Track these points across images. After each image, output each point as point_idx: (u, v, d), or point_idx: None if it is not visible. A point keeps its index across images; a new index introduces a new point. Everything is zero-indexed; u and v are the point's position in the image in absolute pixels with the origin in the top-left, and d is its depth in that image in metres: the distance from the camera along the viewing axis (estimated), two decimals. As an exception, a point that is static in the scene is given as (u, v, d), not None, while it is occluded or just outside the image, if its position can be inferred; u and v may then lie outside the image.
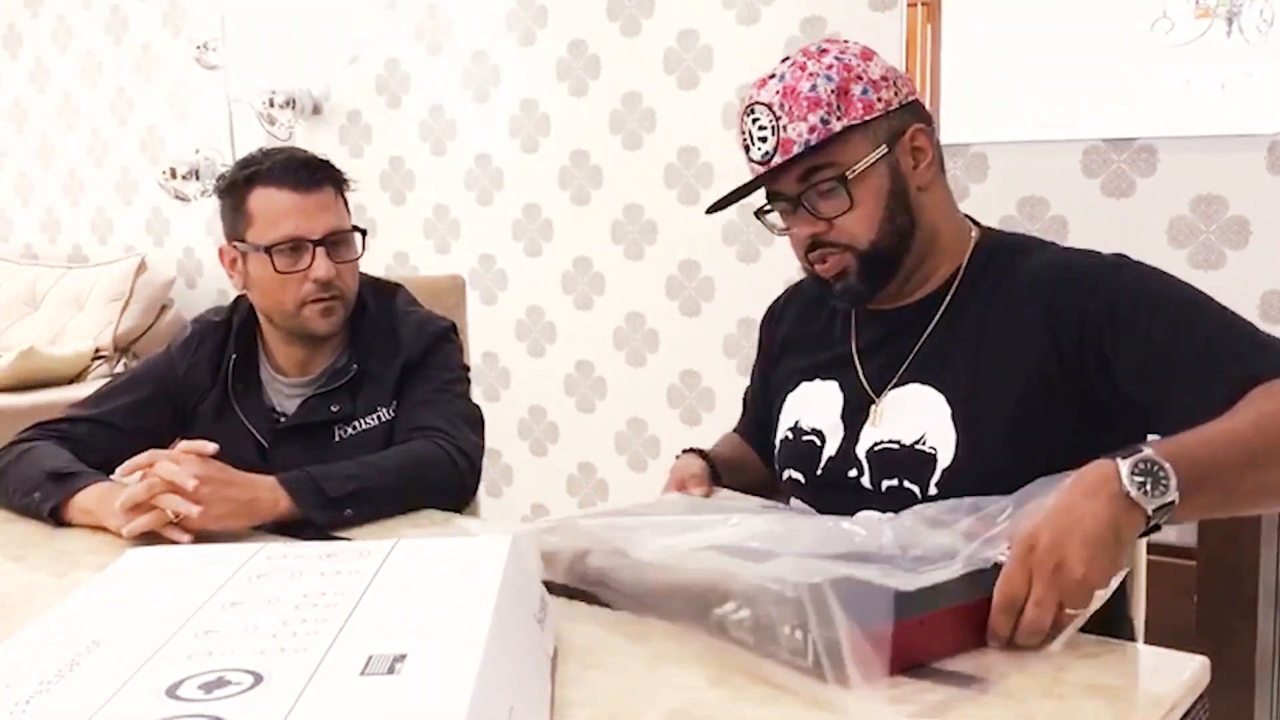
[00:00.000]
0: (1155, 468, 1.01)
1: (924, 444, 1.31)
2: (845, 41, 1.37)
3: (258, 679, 0.79)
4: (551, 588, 1.13)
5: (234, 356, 1.80)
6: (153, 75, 4.13)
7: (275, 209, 1.71)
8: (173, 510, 1.43)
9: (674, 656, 1.04)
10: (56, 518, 1.56)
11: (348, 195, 1.81)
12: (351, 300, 1.80)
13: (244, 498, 1.48)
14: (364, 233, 1.80)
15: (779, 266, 2.85)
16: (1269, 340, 1.18)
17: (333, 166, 1.79)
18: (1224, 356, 1.16)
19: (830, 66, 1.31)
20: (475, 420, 1.79)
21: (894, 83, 1.34)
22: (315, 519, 1.49)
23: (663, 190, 3.10)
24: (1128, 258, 1.30)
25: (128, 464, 1.51)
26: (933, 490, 1.30)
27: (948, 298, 1.37)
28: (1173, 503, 1.00)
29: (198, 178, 3.78)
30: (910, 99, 1.36)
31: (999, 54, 2.60)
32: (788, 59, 1.35)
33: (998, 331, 1.31)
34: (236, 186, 1.76)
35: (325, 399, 1.77)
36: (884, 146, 1.32)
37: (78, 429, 1.75)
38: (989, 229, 1.43)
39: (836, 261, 1.34)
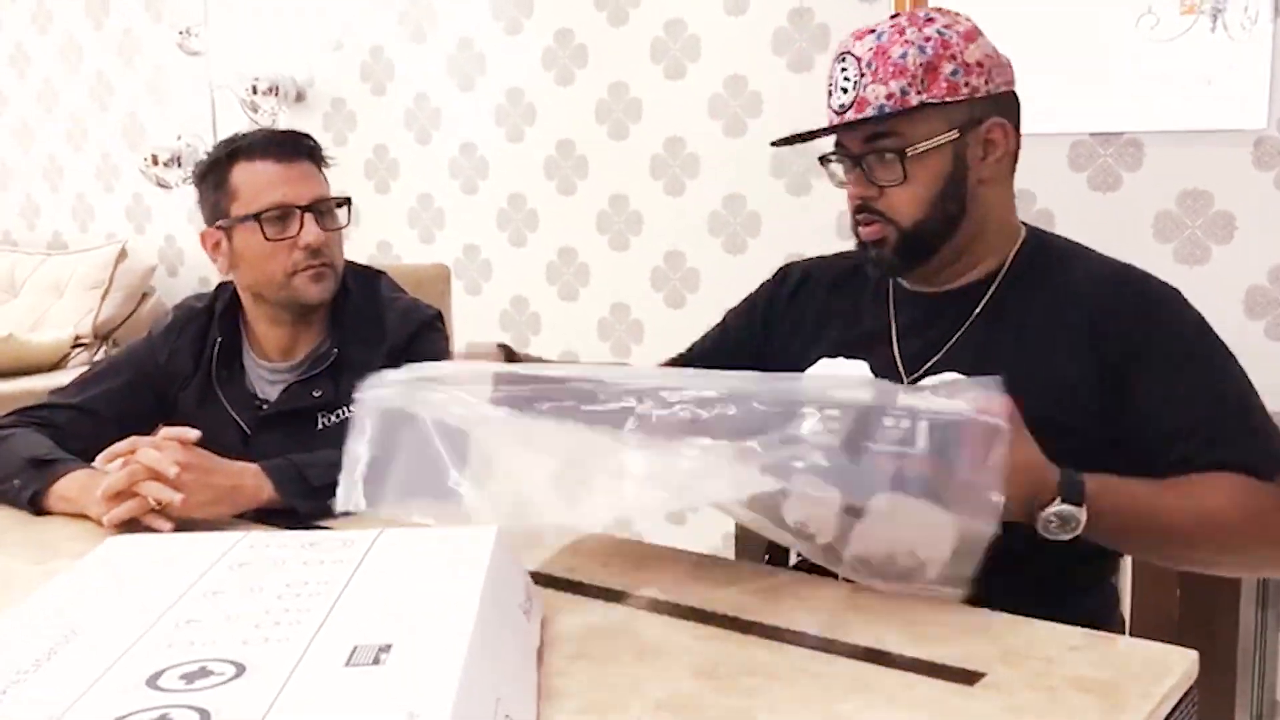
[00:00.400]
0: (1072, 523, 1.12)
1: None
2: (957, 16, 1.35)
3: (240, 669, 0.78)
4: (536, 578, 1.12)
5: (219, 340, 1.79)
6: (134, 60, 4.09)
7: (260, 179, 1.72)
8: (154, 498, 1.42)
9: (661, 647, 1.03)
10: (36, 505, 1.54)
11: (326, 174, 1.82)
12: (340, 272, 1.79)
13: (226, 485, 1.47)
14: (349, 202, 1.80)
15: (766, 255, 2.84)
16: (1274, 435, 1.24)
17: (312, 140, 1.80)
18: (1226, 438, 1.21)
19: (929, 39, 1.30)
20: None
21: (989, 70, 1.32)
22: (297, 507, 1.48)
23: (648, 181, 3.08)
24: (1180, 294, 1.31)
25: (109, 451, 1.49)
26: None
27: (990, 290, 1.37)
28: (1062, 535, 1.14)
29: (179, 165, 3.74)
30: (1002, 89, 1.35)
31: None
32: (896, 16, 1.35)
33: (1041, 332, 1.31)
34: (218, 165, 1.76)
35: (307, 385, 1.76)
36: (955, 132, 1.31)
37: (58, 416, 1.73)
38: (1037, 229, 1.43)
39: (878, 229, 1.34)
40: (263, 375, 1.81)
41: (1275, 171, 2.34)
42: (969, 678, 0.95)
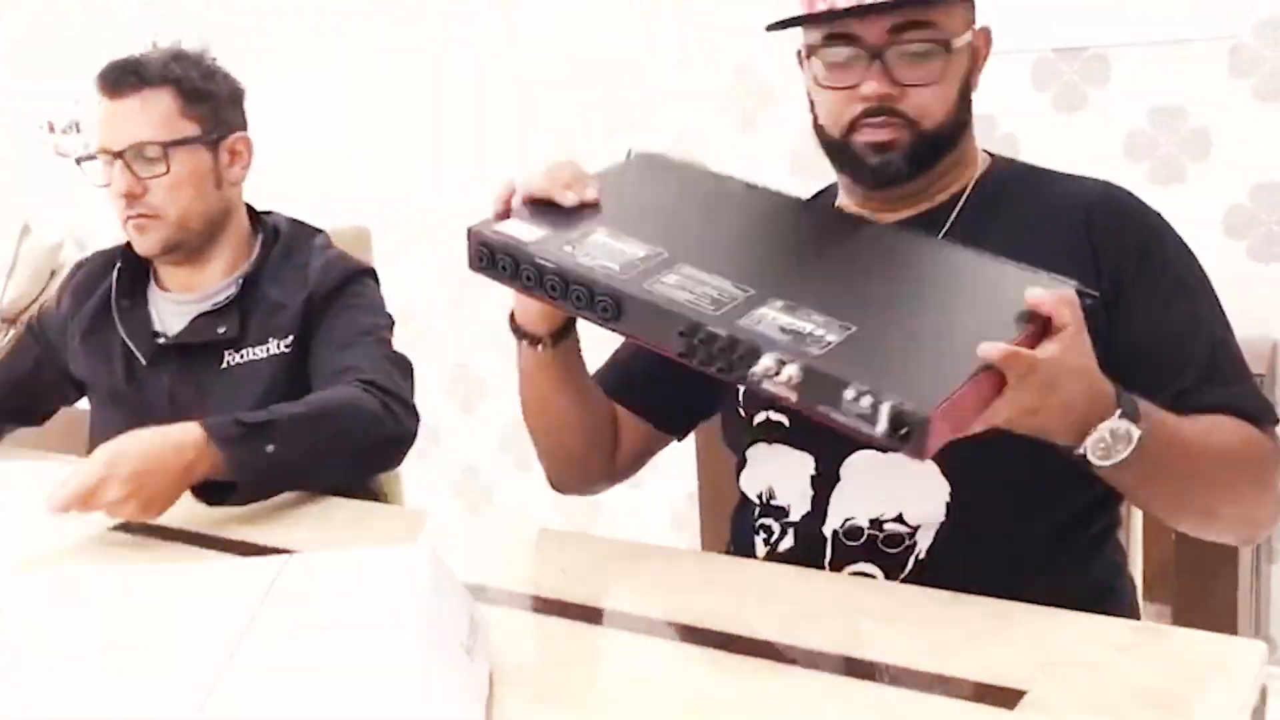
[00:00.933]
0: (1122, 444, 0.99)
1: None
2: None
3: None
4: (481, 594, 0.93)
5: (118, 266, 1.67)
6: (28, 19, 3.80)
7: (98, 117, 1.61)
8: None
9: (640, 679, 0.86)
10: None
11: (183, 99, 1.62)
12: (180, 217, 1.60)
13: (177, 467, 1.29)
14: (168, 146, 1.56)
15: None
16: (1250, 376, 1.19)
17: (149, 66, 1.58)
18: (1220, 378, 1.15)
19: None
20: (406, 368, 1.62)
21: None
22: (238, 458, 1.32)
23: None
24: (1165, 220, 1.23)
25: (55, 506, 1.27)
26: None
27: (956, 212, 1.24)
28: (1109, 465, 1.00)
29: (78, 130, 3.49)
30: None
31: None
32: None
33: (1024, 252, 1.15)
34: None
35: (213, 319, 1.62)
36: (970, 32, 1.21)
37: None
38: (1000, 156, 1.31)
39: (890, 132, 1.18)
40: (169, 307, 1.68)
41: (1253, 80, 2.19)
42: (1007, 698, 0.79)
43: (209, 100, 1.62)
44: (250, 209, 1.73)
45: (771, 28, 1.22)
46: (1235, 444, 1.10)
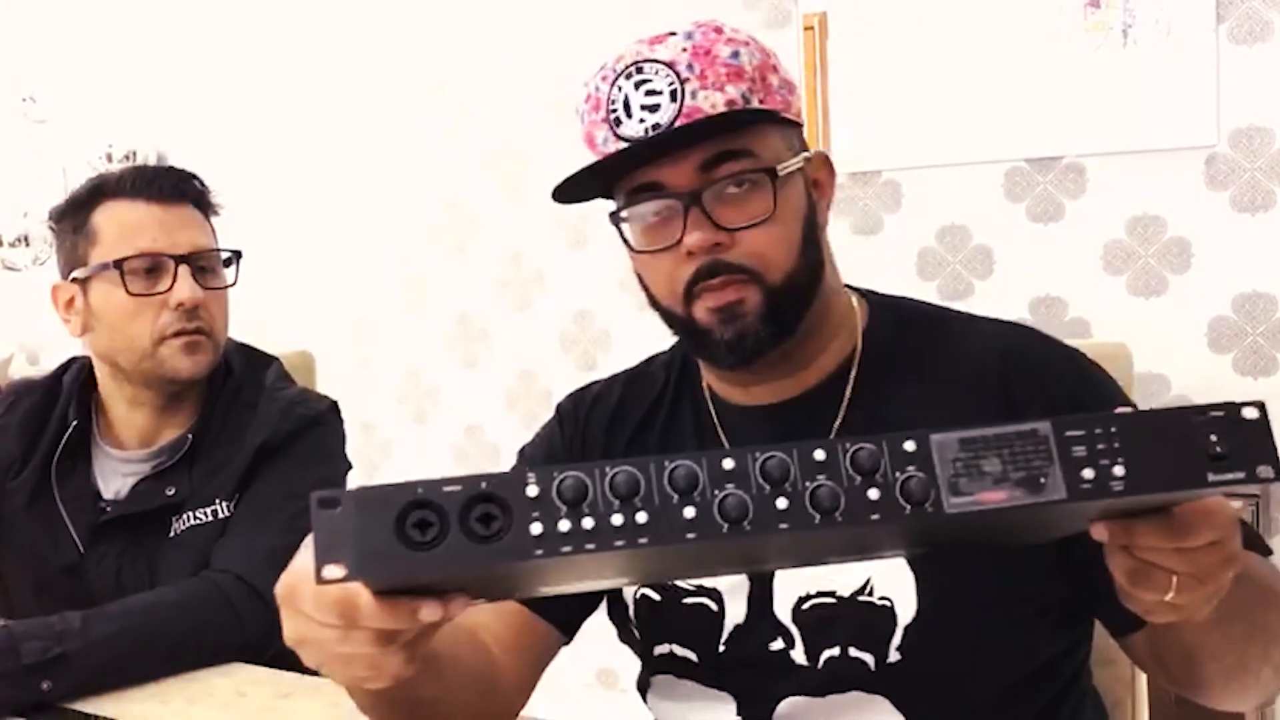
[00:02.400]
0: None
1: (871, 594, 0.97)
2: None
3: None
4: None
5: (74, 424, 1.47)
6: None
7: (129, 221, 1.42)
8: None
9: None
10: None
11: (214, 224, 1.52)
12: (220, 342, 1.47)
13: None
14: (238, 256, 1.49)
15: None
16: None
17: (199, 180, 1.48)
18: None
19: (747, 43, 0.99)
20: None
21: (798, 98, 1.04)
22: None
23: (550, 237, 2.82)
24: (1086, 358, 1.04)
25: None
26: (893, 656, 0.96)
27: (850, 386, 1.03)
28: None
29: (27, 244, 3.39)
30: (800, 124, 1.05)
31: (900, 75, 2.37)
32: (704, 24, 1.02)
33: (942, 420, 0.96)
34: (78, 205, 1.44)
35: (161, 480, 1.44)
36: (802, 159, 1.00)
37: None
38: (875, 295, 1.10)
39: (735, 291, 0.96)
40: (114, 466, 1.48)
41: (1231, 190, 2.14)
42: None
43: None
44: None
45: (561, 196, 1.02)
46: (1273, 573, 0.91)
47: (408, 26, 2.97)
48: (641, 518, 0.59)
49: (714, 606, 1.03)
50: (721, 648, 1.02)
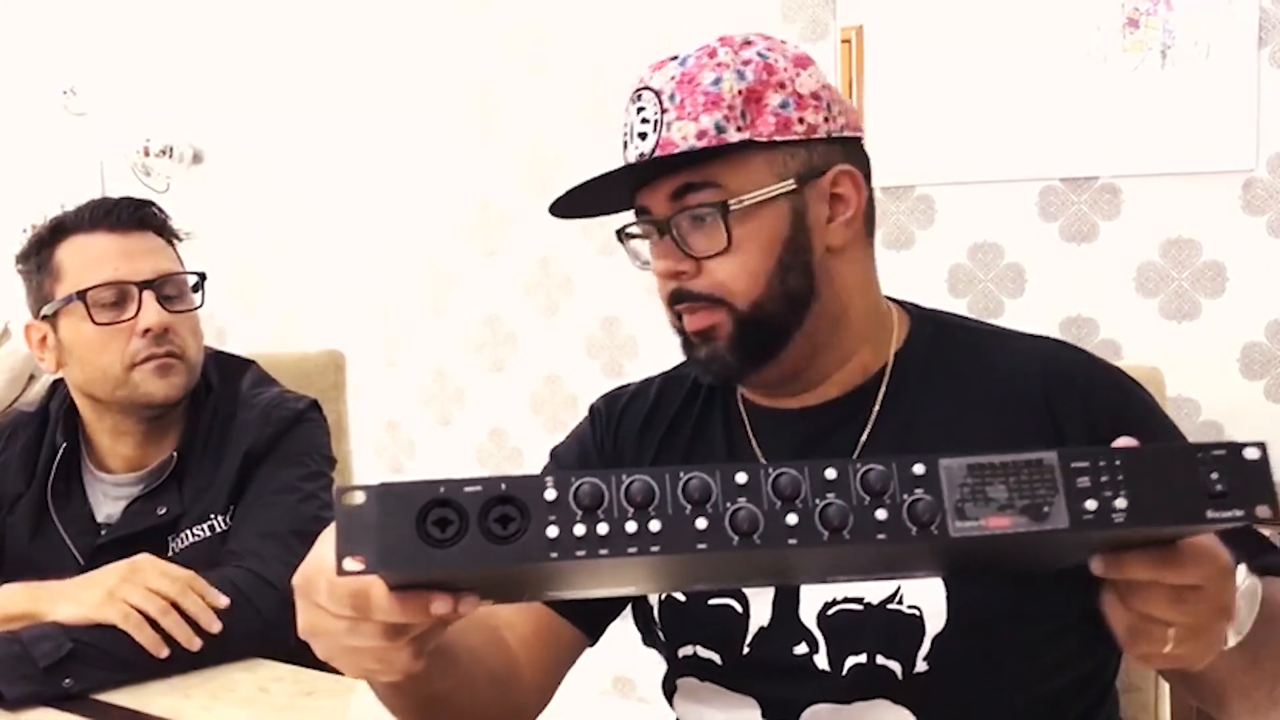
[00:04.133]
0: (1249, 599, 0.79)
1: (901, 602, 0.97)
2: (783, 42, 1.05)
3: None
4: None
5: (64, 445, 1.50)
6: (13, 123, 3.76)
7: (90, 253, 1.45)
8: None
9: None
10: None
11: (178, 249, 1.54)
12: (195, 364, 1.50)
13: None
14: (203, 278, 1.52)
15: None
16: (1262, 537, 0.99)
17: (157, 207, 1.51)
18: (1237, 544, 0.91)
19: (748, 62, 1.00)
20: (313, 533, 1.41)
21: (828, 106, 1.02)
22: (6, 694, 1.18)
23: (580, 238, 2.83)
24: (1129, 378, 1.05)
25: None
26: (920, 666, 0.96)
27: (881, 395, 1.04)
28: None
29: (63, 235, 3.42)
30: (844, 133, 1.04)
31: (936, 90, 2.37)
32: (705, 47, 1.04)
33: (981, 436, 0.99)
34: (40, 244, 1.48)
35: (152, 500, 1.46)
36: (791, 182, 1.00)
37: None
38: (919, 308, 1.11)
39: (704, 317, 1.01)
40: (105, 490, 1.51)
41: (1268, 215, 2.12)
42: None
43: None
44: None
45: (558, 211, 1.08)
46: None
47: (444, 28, 2.98)
48: (655, 526, 0.61)
49: (739, 608, 1.04)
50: (745, 650, 1.02)
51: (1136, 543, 0.67)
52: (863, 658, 0.98)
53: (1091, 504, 0.62)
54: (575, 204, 1.05)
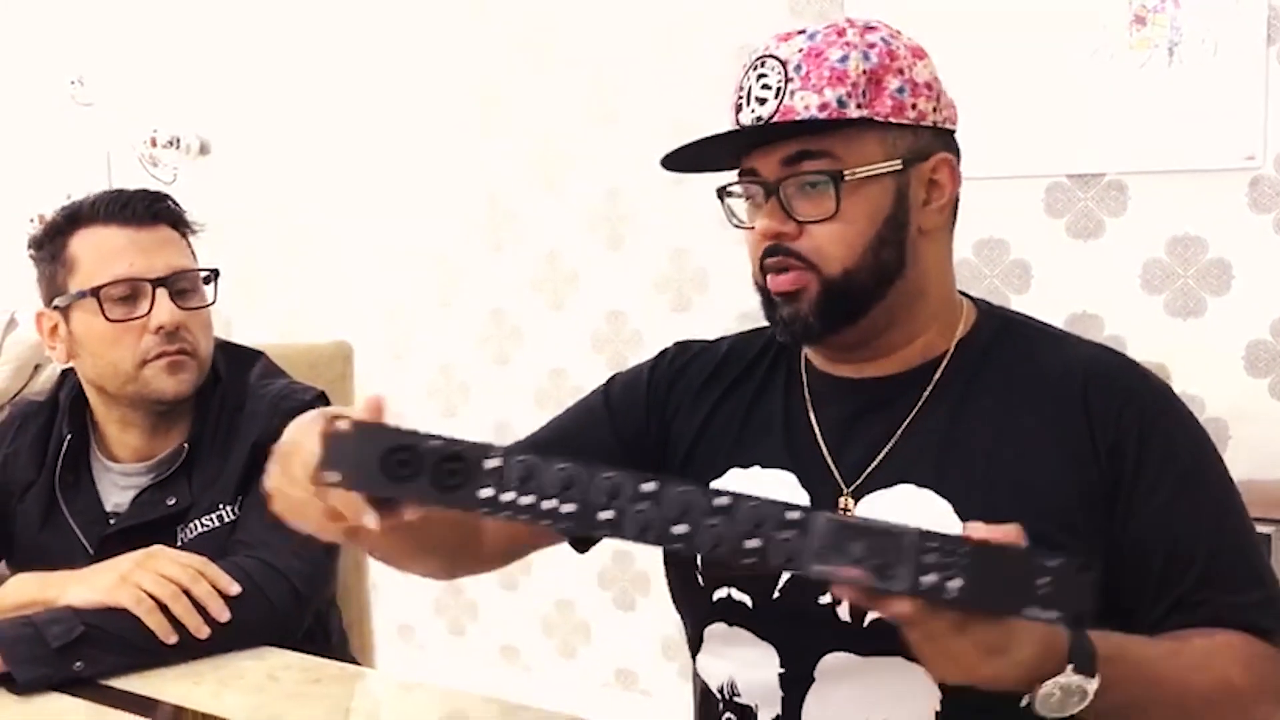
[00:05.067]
0: (1076, 698, 0.87)
1: None
2: (900, 32, 1.12)
3: None
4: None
5: (69, 437, 1.51)
6: (20, 113, 3.78)
7: (105, 247, 1.46)
8: None
9: None
10: None
11: (192, 242, 1.55)
12: (205, 360, 1.51)
13: None
14: (215, 274, 1.53)
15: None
16: (1269, 581, 1.06)
17: (173, 201, 1.52)
18: (1223, 583, 1.03)
19: (873, 45, 1.07)
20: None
21: (938, 97, 1.11)
22: (17, 677, 1.20)
23: (586, 235, 2.83)
24: (1173, 392, 1.11)
25: None
26: None
27: (936, 376, 1.10)
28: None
29: (70, 226, 3.43)
30: (947, 125, 1.12)
31: (945, 85, 2.36)
32: (833, 25, 1.10)
33: (1016, 432, 1.05)
34: (54, 232, 1.48)
35: (161, 490, 1.47)
36: (899, 162, 1.07)
37: None
38: (988, 305, 1.18)
39: (795, 278, 1.07)
40: (114, 480, 1.52)
41: (1275, 213, 2.13)
42: None
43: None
44: None
45: (669, 164, 1.12)
46: (1235, 672, 0.98)
47: (451, 23, 2.99)
48: (568, 509, 0.75)
49: None
50: (775, 595, 1.08)
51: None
52: None
53: (931, 578, 0.74)
54: (681, 159, 1.11)
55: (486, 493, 0.75)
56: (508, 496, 0.75)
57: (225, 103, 3.39)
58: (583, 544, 1.23)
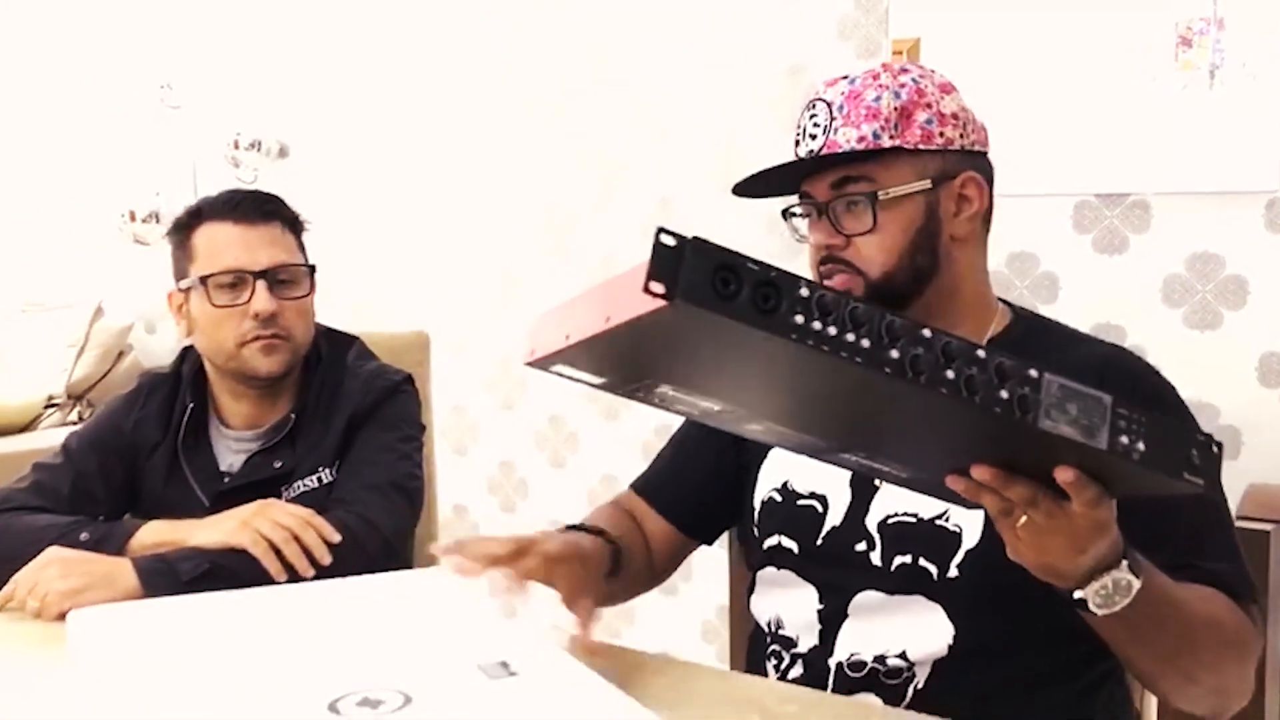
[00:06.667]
0: (1120, 595, 0.98)
1: (947, 520, 1.20)
2: (933, 71, 1.31)
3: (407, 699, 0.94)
4: None
5: (191, 406, 1.71)
6: (114, 115, 4.01)
7: (217, 241, 1.65)
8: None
9: None
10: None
11: (302, 237, 1.75)
12: (301, 343, 1.70)
13: (99, 571, 1.41)
14: (313, 269, 1.71)
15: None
16: (1240, 557, 1.19)
17: (283, 203, 1.72)
18: (1203, 553, 1.15)
19: (904, 85, 1.26)
20: (408, 488, 1.66)
21: (964, 124, 1.29)
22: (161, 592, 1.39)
23: (640, 240, 3.00)
24: (1176, 392, 1.25)
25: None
26: (953, 572, 1.19)
27: None
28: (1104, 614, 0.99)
29: (158, 221, 3.65)
30: (975, 147, 1.30)
31: (984, 104, 2.49)
32: (870, 70, 1.30)
33: None
34: (183, 225, 1.69)
35: (269, 455, 1.67)
36: (928, 182, 1.26)
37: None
38: (1026, 311, 1.35)
39: (844, 281, 1.26)
40: (228, 444, 1.72)
41: (1289, 234, 2.25)
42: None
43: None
44: None
45: (740, 191, 1.31)
46: (1222, 614, 1.12)
47: (519, 42, 3.16)
48: (865, 344, 0.77)
49: (820, 509, 1.30)
50: (819, 542, 1.28)
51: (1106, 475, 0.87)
52: (908, 558, 1.22)
53: (1125, 440, 0.83)
54: (751, 186, 1.31)
55: (798, 319, 0.75)
56: (816, 325, 0.75)
57: (303, 109, 3.57)
58: (709, 535, 1.47)
